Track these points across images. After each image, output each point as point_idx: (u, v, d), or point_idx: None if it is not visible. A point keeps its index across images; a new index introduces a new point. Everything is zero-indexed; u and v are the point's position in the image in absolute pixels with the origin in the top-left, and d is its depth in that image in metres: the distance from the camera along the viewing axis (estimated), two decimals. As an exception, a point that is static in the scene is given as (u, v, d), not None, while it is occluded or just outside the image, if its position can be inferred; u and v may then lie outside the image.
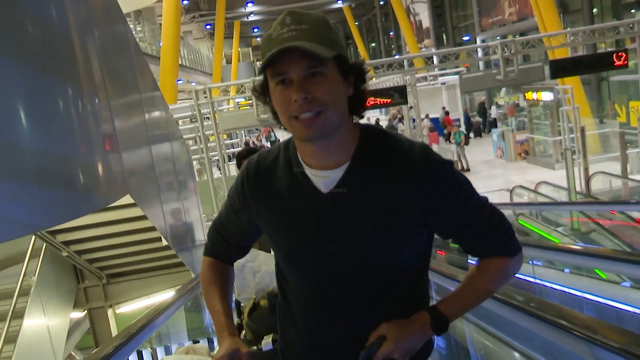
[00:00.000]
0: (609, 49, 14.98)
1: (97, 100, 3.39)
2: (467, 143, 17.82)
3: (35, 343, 5.56)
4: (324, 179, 1.30)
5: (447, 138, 20.82)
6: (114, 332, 6.73)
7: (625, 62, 10.77)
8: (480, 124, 22.71)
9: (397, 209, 1.27)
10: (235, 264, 1.63)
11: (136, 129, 4.67)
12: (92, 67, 3.46)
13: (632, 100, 14.33)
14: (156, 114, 5.78)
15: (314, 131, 1.21)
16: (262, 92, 1.30)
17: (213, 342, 5.75)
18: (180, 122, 12.63)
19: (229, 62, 42.85)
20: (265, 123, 11.46)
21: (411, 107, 13.84)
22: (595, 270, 4.62)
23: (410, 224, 1.30)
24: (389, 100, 11.27)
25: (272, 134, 27.25)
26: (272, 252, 2.34)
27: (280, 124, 1.28)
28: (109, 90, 3.72)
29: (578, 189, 11.92)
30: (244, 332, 2.32)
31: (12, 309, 5.32)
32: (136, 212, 4.99)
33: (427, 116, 21.91)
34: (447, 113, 22.28)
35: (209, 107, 11.00)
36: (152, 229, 5.41)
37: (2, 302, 5.70)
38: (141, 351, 6.12)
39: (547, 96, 14.01)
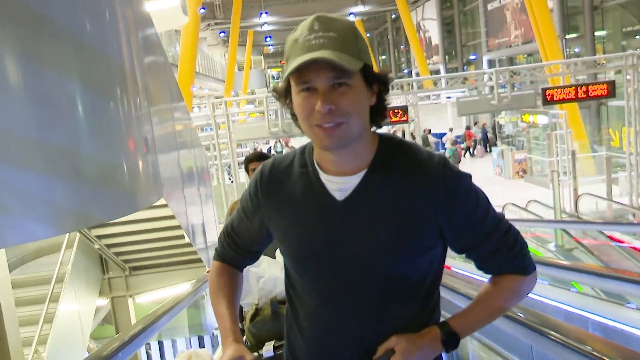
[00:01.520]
0: (610, 77, 15.66)
1: (142, 115, 4.11)
2: (458, 161, 18.58)
3: (68, 325, 6.25)
4: (339, 186, 1.29)
5: (467, 151, 23.06)
6: (133, 319, 7.46)
7: (608, 92, 11.57)
8: (495, 140, 23.94)
9: (413, 219, 1.26)
10: None
11: (169, 136, 5.36)
12: (138, 85, 4.19)
13: (625, 126, 15.00)
14: (182, 122, 6.48)
15: (335, 141, 1.22)
16: (283, 95, 1.29)
17: (218, 342, 6.36)
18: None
19: (240, 69, 43.64)
20: (276, 135, 12.20)
21: (413, 120, 14.72)
22: (572, 282, 5.16)
23: (425, 236, 1.28)
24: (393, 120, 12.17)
25: (279, 144, 26.71)
26: (277, 258, 2.43)
27: (300, 128, 1.28)
28: (151, 104, 4.45)
29: (569, 209, 12.61)
30: (245, 337, 2.30)
31: (50, 293, 6.02)
32: (161, 212, 5.71)
33: (450, 130, 23.14)
34: (468, 128, 23.74)
35: (224, 118, 11.81)
36: (174, 227, 6.13)
37: (41, 287, 6.41)
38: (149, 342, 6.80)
39: (542, 119, 14.75)
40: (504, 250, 1.33)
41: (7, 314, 4.40)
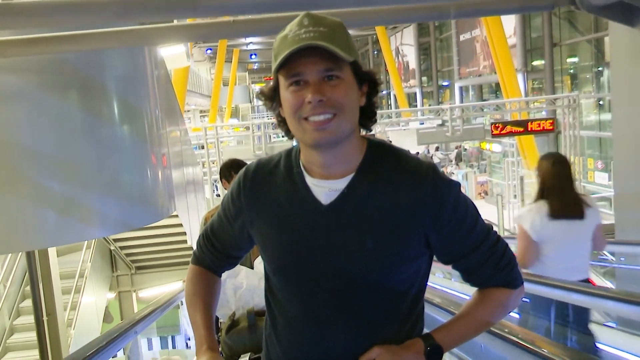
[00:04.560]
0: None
1: (163, 146, 5.54)
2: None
3: (88, 313, 7.61)
4: (325, 189, 1.25)
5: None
6: (136, 310, 8.83)
7: (552, 128, 13.28)
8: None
9: (400, 226, 1.22)
10: None
11: (178, 156, 6.63)
12: (160, 124, 5.62)
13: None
14: (185, 142, 7.83)
15: (325, 135, 1.18)
16: (270, 97, 1.26)
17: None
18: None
19: (225, 84, 44.81)
20: (259, 157, 13.75)
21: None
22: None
23: (412, 244, 1.25)
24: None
25: None
26: (255, 269, 2.48)
27: (285, 132, 1.27)
28: (167, 133, 5.85)
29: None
30: (220, 348, 2.23)
31: (74, 286, 7.38)
32: (166, 220, 7.10)
33: (456, 147, 25.15)
34: (465, 149, 25.59)
35: (213, 139, 13.37)
36: (175, 234, 7.55)
37: (68, 280, 7.73)
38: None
39: (497, 147, 16.45)
40: (492, 262, 1.30)
41: (57, 298, 5.77)
